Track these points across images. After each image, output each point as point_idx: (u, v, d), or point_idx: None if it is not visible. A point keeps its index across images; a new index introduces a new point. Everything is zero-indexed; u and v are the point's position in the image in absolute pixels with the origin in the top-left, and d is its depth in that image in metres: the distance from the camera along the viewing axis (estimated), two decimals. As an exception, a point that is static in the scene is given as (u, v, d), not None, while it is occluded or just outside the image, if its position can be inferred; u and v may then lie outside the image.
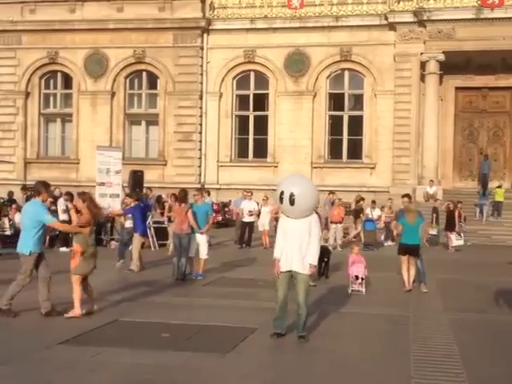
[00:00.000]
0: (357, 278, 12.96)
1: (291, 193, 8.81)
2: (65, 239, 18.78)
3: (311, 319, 10.02)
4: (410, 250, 13.46)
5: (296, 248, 8.90)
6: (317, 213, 13.72)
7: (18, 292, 10.03)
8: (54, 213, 19.78)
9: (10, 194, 23.43)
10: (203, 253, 14.66)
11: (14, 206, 21.05)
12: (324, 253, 14.30)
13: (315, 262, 9.08)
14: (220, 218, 27.18)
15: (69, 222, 13.62)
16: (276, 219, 18.54)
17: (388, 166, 28.98)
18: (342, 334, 9.79)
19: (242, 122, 31.16)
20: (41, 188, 10.31)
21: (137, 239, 15.82)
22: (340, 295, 12.78)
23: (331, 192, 24.46)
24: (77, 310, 9.99)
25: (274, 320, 9.14)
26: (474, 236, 24.41)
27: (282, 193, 8.91)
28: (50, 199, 21.39)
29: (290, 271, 8.97)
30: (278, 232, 9.31)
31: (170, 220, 19.26)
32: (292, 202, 8.81)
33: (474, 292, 13.77)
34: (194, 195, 15.39)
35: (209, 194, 23.96)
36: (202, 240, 14.64)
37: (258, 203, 22.83)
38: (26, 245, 10.01)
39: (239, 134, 31.16)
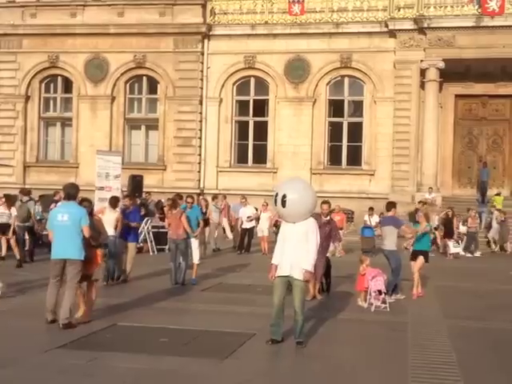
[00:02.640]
0: (380, 292, 11.94)
1: (284, 194, 8.84)
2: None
3: (309, 325, 10.02)
4: (419, 256, 13.52)
5: (292, 253, 8.88)
6: (331, 219, 13.68)
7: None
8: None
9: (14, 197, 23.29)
10: (195, 258, 14.70)
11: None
12: (326, 267, 13.44)
13: (310, 267, 8.96)
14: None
15: None
16: (275, 225, 18.57)
17: (387, 173, 28.96)
18: (340, 340, 9.79)
19: (242, 128, 31.15)
20: (75, 191, 10.19)
21: (134, 248, 15.06)
22: (339, 302, 12.76)
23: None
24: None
25: (270, 326, 9.15)
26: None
27: (276, 195, 8.98)
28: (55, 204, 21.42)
29: (286, 276, 8.95)
30: (278, 238, 9.35)
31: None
32: (283, 204, 8.81)
33: (472, 299, 13.77)
34: (187, 202, 15.33)
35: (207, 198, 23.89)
36: (194, 245, 14.68)
37: (256, 209, 22.87)
38: (78, 250, 9.76)
39: (239, 140, 31.14)
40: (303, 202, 8.95)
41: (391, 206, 14.02)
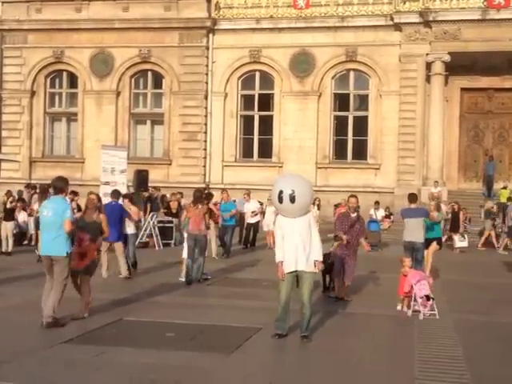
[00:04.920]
0: (428, 298, 10.94)
1: (292, 190, 8.82)
2: None
3: (315, 319, 10.02)
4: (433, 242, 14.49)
5: (300, 247, 8.89)
6: (359, 216, 13.40)
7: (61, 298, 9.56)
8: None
9: (20, 193, 23.29)
10: (213, 252, 14.67)
11: (19, 204, 20.94)
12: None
13: (321, 257, 9.12)
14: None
15: None
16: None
17: (393, 167, 28.91)
18: (346, 334, 9.78)
19: (247, 122, 31.13)
20: (63, 185, 9.97)
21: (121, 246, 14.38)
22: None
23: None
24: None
25: (275, 320, 9.15)
26: (478, 237, 24.32)
27: (280, 192, 8.87)
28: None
29: (295, 271, 8.96)
30: (276, 234, 9.23)
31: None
32: (293, 200, 8.81)
33: (478, 293, 13.74)
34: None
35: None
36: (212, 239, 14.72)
37: (261, 203, 22.88)
38: (61, 246, 9.57)
39: (244, 134, 31.13)
40: (307, 196, 9.03)
41: (415, 197, 14.03)
